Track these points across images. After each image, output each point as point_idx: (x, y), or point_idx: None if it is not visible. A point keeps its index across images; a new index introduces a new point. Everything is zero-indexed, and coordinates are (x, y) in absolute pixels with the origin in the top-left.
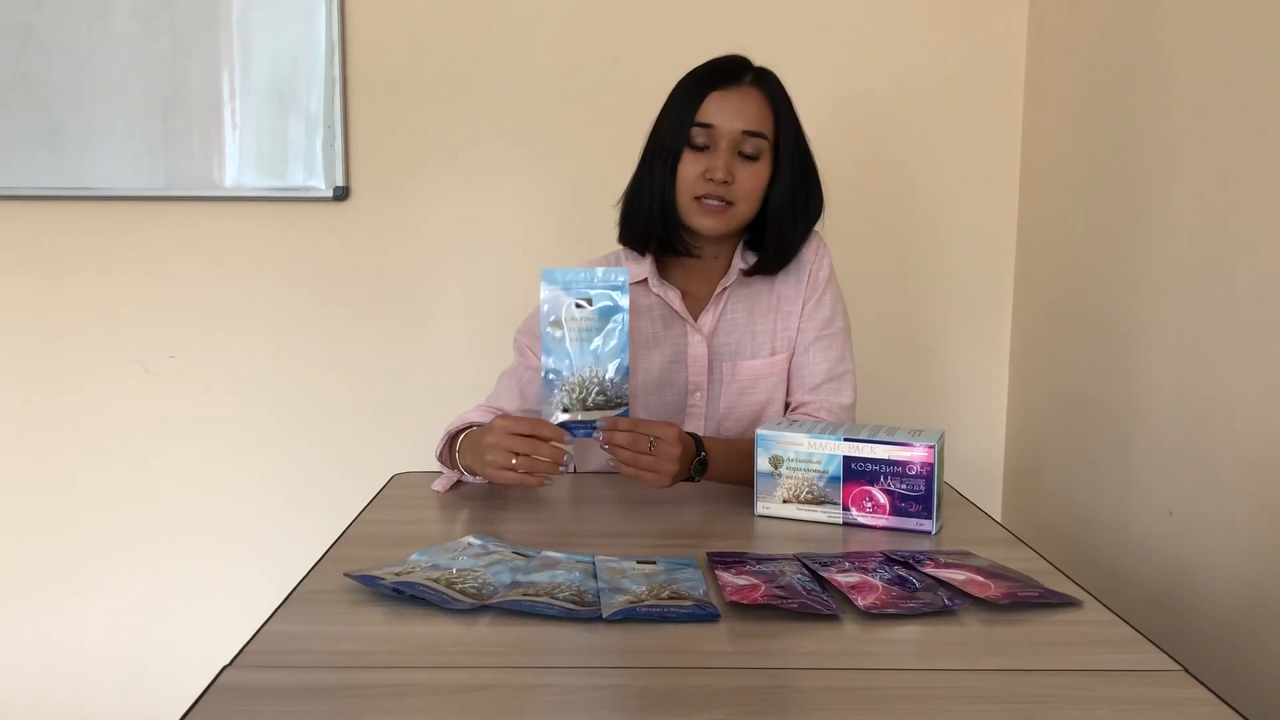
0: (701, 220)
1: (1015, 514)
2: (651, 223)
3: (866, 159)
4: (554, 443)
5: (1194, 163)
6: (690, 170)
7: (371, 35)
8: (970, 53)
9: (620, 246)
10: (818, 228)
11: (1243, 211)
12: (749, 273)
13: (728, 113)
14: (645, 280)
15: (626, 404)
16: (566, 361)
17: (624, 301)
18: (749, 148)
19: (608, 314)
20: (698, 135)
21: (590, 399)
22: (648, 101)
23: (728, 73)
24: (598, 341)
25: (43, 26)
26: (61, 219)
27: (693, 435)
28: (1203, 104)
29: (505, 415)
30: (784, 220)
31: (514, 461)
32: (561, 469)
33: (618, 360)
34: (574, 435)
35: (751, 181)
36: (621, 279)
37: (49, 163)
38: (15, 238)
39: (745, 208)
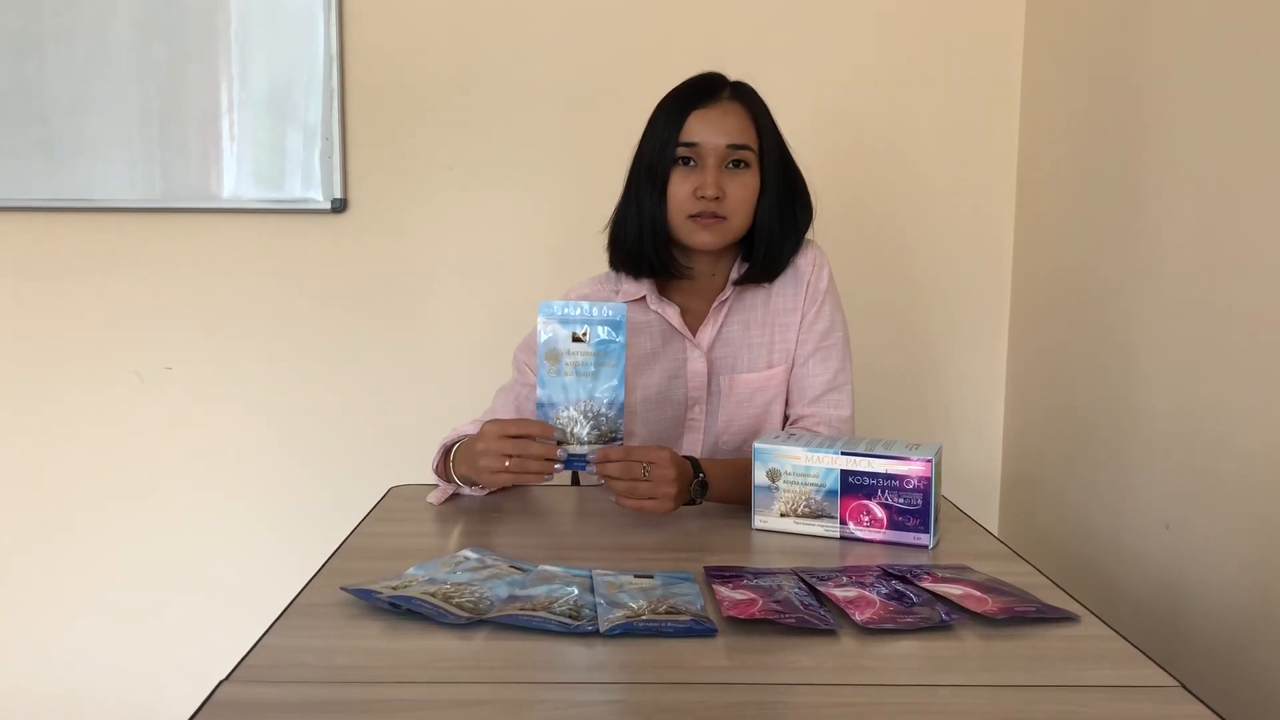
0: (697, 236)
1: (1012, 527)
2: (643, 247)
3: (862, 167)
4: (543, 440)
5: (1190, 174)
6: (680, 189)
7: (370, 47)
8: (966, 62)
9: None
10: (812, 237)
11: (1239, 223)
12: (741, 282)
13: (711, 129)
14: (644, 298)
15: (621, 438)
16: (562, 394)
17: (621, 337)
18: (736, 159)
19: (604, 348)
20: (684, 154)
21: (585, 433)
22: (644, 114)
23: (706, 90)
24: (593, 375)
25: (41, 36)
26: (58, 230)
27: (690, 458)
28: (1199, 114)
29: (494, 420)
30: (773, 229)
31: (506, 464)
32: (558, 467)
33: (613, 395)
34: (567, 468)
35: (742, 193)
36: (619, 314)
37: (46, 173)
38: (12, 248)
39: (739, 220)
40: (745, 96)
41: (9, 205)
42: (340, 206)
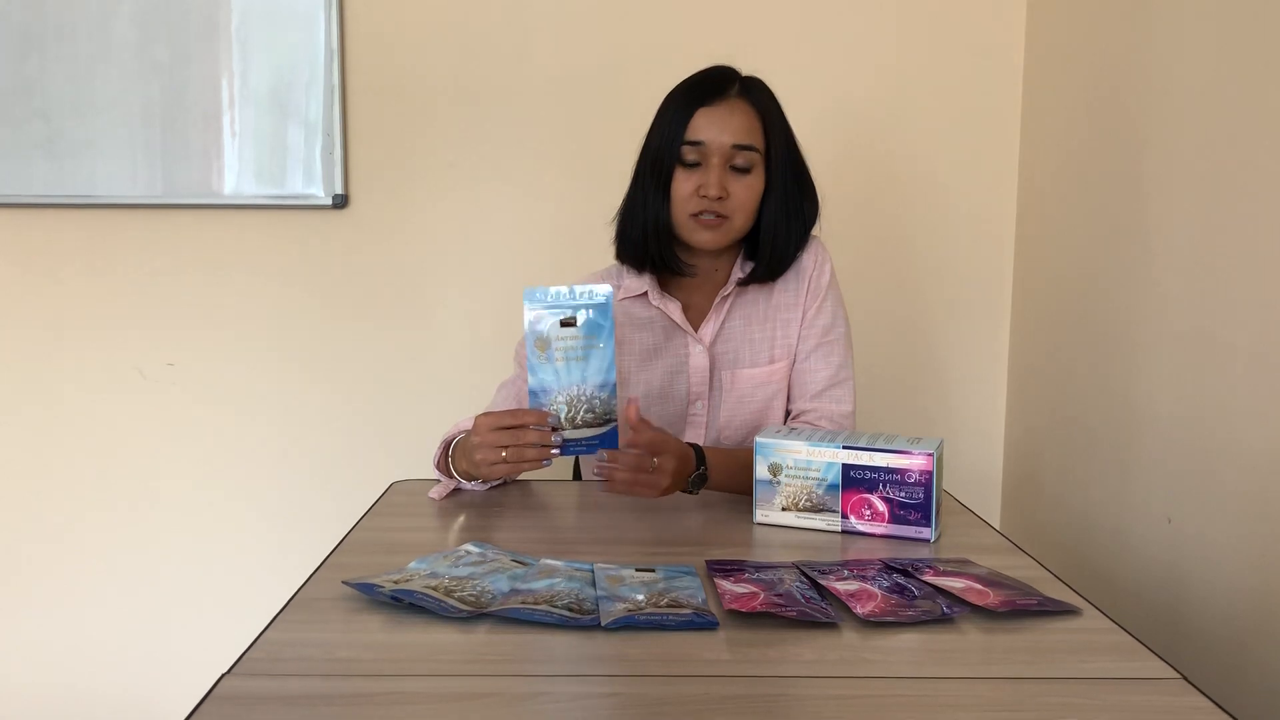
0: (699, 235)
1: (1014, 521)
2: (646, 243)
3: (864, 165)
4: (537, 427)
5: (1192, 170)
6: (684, 188)
7: (370, 43)
8: (968, 59)
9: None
10: (816, 233)
11: (1241, 218)
12: (745, 281)
13: (716, 128)
14: (645, 293)
15: (615, 420)
16: (553, 380)
17: (608, 319)
18: (740, 161)
19: (593, 331)
20: (688, 153)
21: (579, 416)
22: (646, 109)
23: (714, 87)
24: (584, 359)
25: (43, 35)
26: (60, 226)
27: (694, 446)
28: (1201, 113)
29: (487, 412)
30: (779, 229)
31: (503, 455)
32: (555, 452)
33: (604, 377)
34: (564, 453)
35: (745, 194)
36: (605, 296)
37: (48, 170)
38: (14, 244)
39: (741, 220)
40: (754, 93)
41: (11, 202)
42: (341, 202)
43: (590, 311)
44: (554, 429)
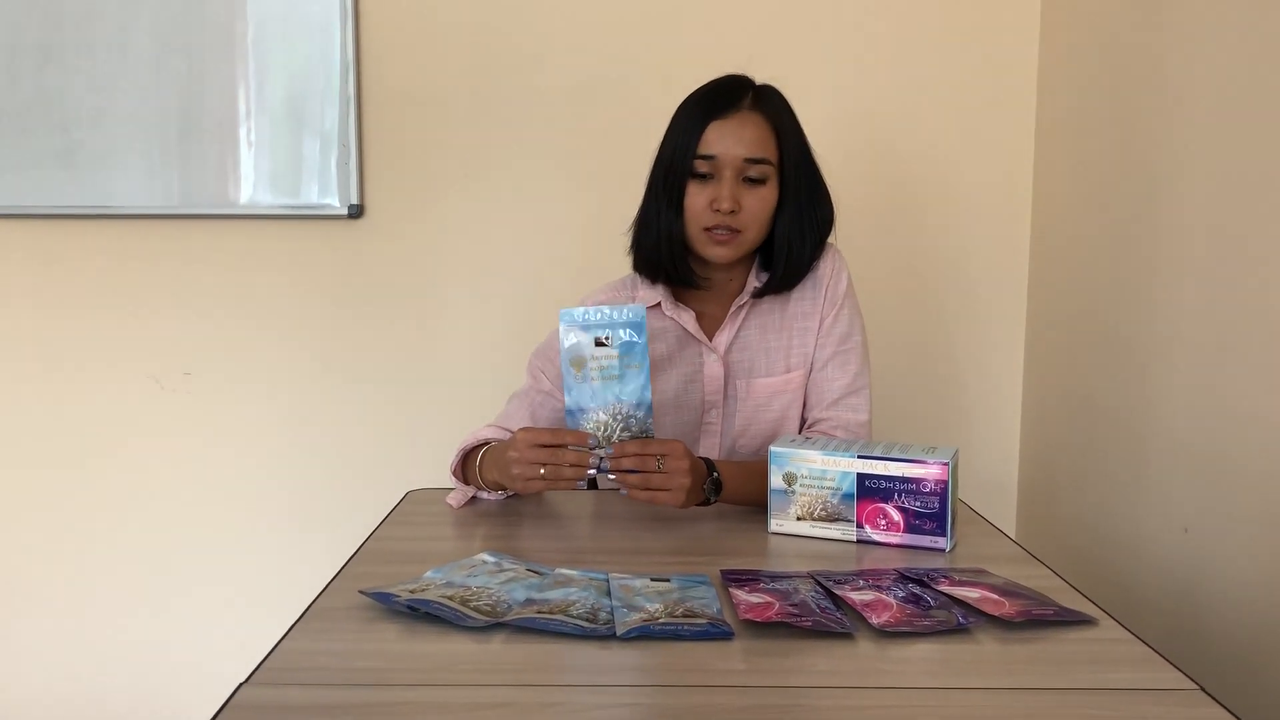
0: (712, 250)
1: (1029, 530)
2: (659, 256)
3: (878, 171)
4: (575, 447)
5: (1208, 173)
6: (697, 201)
7: (386, 53)
8: (982, 64)
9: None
10: (831, 240)
11: (1258, 222)
12: (761, 292)
13: (729, 141)
14: (659, 304)
15: (652, 438)
16: (590, 400)
17: (643, 338)
18: (753, 173)
19: (628, 351)
20: (701, 166)
21: (615, 436)
22: (661, 118)
23: (726, 99)
24: (619, 378)
25: (61, 47)
26: (78, 237)
27: (704, 459)
28: (1216, 113)
29: (527, 428)
30: (793, 240)
31: (541, 472)
32: (592, 471)
33: (640, 396)
34: (602, 471)
35: (758, 207)
36: (640, 316)
37: (66, 181)
38: (32, 255)
39: (753, 233)
40: (767, 104)
41: (30, 213)
42: (357, 212)
43: (625, 331)
44: (592, 449)
